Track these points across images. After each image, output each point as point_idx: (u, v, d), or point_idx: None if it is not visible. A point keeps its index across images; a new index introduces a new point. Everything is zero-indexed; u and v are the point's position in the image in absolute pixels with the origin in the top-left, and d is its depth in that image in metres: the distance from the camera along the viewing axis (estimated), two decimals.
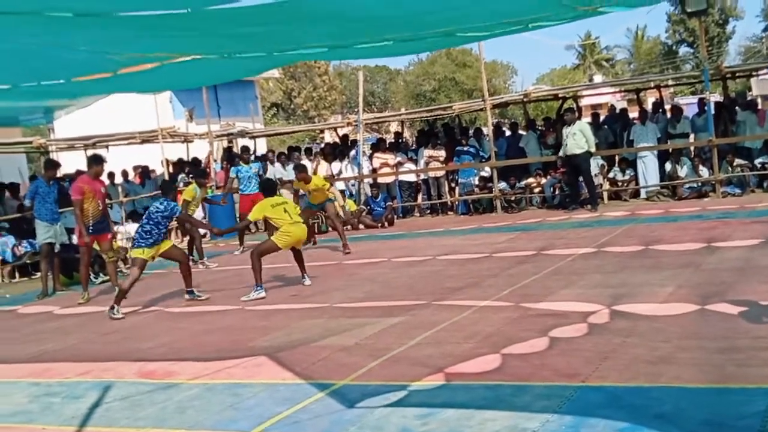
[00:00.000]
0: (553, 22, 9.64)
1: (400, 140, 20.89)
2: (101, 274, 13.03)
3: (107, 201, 15.69)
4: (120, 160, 19.90)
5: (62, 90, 9.89)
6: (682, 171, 15.38)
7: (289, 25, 7.77)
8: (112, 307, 9.32)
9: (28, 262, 14.42)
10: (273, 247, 9.84)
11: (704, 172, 15.10)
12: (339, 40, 9.72)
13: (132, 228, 17.26)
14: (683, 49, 60.54)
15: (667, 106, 18.39)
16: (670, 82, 23.71)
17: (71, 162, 21.57)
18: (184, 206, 12.21)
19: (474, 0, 7.65)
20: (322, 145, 23.50)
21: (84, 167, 18.92)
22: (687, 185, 15.32)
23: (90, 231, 10.89)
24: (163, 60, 8.29)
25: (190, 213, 12.60)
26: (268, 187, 10.58)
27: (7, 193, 16.12)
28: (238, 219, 16.17)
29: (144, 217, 9.86)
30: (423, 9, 7.71)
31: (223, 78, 16.13)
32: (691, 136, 16.31)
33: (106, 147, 18.83)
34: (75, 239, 13.89)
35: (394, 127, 29.32)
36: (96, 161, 11.20)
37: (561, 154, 15.23)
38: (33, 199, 12.07)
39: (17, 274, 14.44)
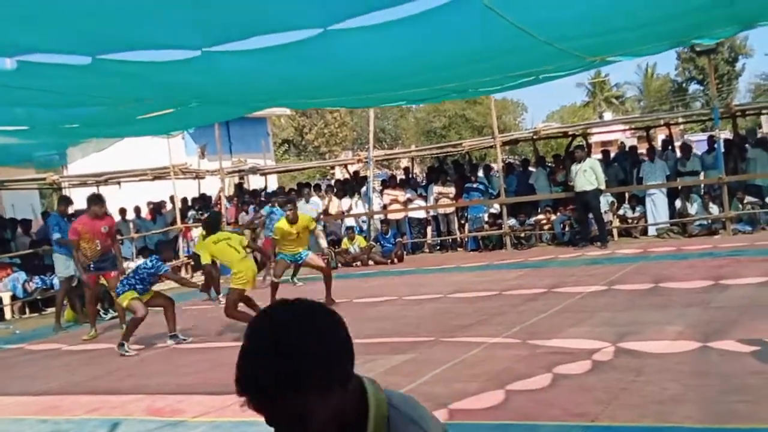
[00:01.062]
0: (564, 73, 9.73)
1: (410, 177, 20.98)
2: (110, 311, 13.06)
3: (119, 237, 15.82)
4: (133, 196, 20.05)
5: (77, 132, 10.04)
6: (692, 208, 15.37)
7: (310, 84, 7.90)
8: (122, 344, 9.29)
9: (38, 298, 14.47)
10: (237, 294, 9.24)
11: (714, 209, 15.08)
12: (357, 94, 9.86)
13: None
14: (693, 87, 60.78)
15: (677, 144, 18.43)
16: (680, 120, 23.74)
17: (83, 198, 21.74)
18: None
19: (486, 56, 7.73)
20: (333, 182, 23.61)
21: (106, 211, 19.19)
22: (697, 222, 15.29)
23: (91, 269, 10.87)
24: (178, 107, 8.42)
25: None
26: (211, 223, 10.10)
27: (19, 229, 16.23)
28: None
29: (132, 271, 9.88)
30: (437, 65, 7.82)
31: (233, 114, 16.23)
32: (702, 173, 16.31)
33: (118, 183, 18.99)
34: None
35: (404, 163, 29.42)
36: (94, 201, 11.08)
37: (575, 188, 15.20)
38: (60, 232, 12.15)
39: (27, 310, 14.48)
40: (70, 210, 12.95)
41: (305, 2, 5.78)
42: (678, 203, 15.67)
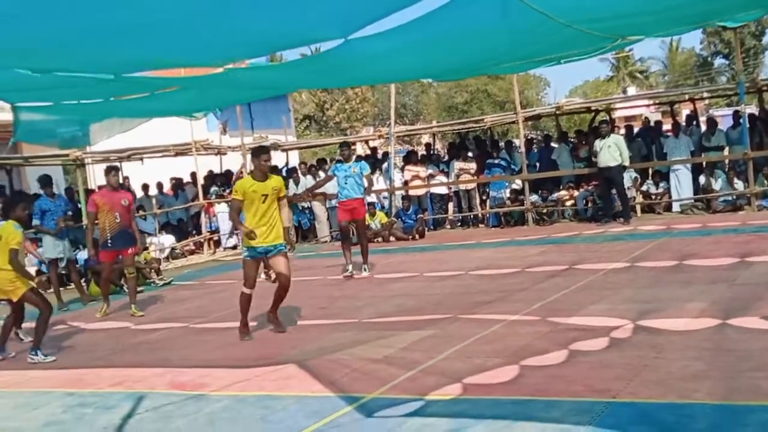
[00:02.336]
0: (585, 56, 9.64)
1: (431, 152, 20.90)
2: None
3: (142, 213, 15.85)
4: (155, 172, 20.14)
5: (101, 109, 10.07)
6: (717, 184, 15.21)
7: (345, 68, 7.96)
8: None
9: (63, 272, 14.58)
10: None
11: (739, 185, 14.92)
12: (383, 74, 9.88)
13: (165, 240, 17.49)
14: (718, 61, 59.98)
15: (702, 119, 18.22)
16: (705, 95, 23.47)
17: None
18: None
19: (508, 43, 7.68)
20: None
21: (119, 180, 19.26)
22: (722, 198, 15.14)
23: (109, 245, 10.52)
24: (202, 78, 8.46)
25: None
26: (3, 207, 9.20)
27: None
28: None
29: None
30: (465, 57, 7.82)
31: (258, 96, 16.19)
32: (727, 149, 16.12)
33: (141, 159, 19.07)
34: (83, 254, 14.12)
35: (425, 139, 29.32)
36: (108, 171, 10.77)
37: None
38: (41, 217, 12.19)
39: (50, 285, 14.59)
40: (94, 186, 12.98)
41: (322, 16, 5.79)
42: (702, 179, 15.51)
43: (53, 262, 12.32)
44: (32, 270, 14.46)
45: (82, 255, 13.67)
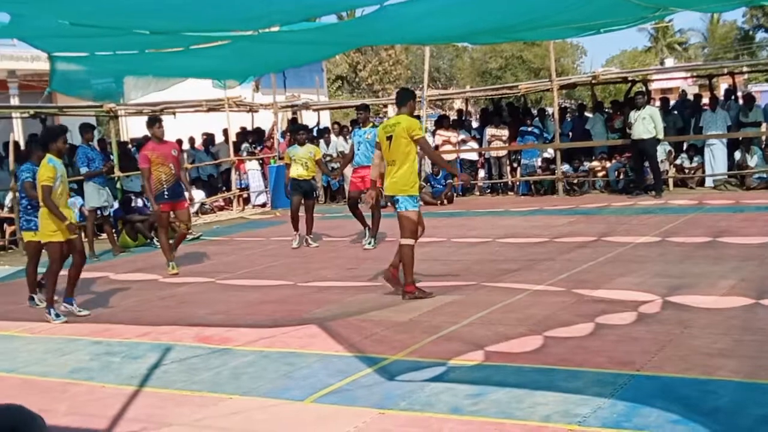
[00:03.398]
0: (624, 26, 9.46)
1: (463, 118, 20.76)
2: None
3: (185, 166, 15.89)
4: (187, 128, 20.22)
5: (137, 61, 10.06)
6: (752, 161, 14.98)
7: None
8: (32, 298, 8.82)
9: (96, 222, 14.76)
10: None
11: None
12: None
13: (197, 194, 17.62)
14: (760, 35, 58.62)
15: (740, 93, 17.89)
16: (744, 69, 22.99)
17: (140, 127, 22.02)
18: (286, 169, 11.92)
19: (549, 12, 7.57)
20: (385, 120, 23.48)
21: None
22: (756, 175, 14.92)
23: (166, 197, 10.18)
24: (235, 36, 8.42)
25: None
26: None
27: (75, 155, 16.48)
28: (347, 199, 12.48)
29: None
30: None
31: (296, 62, 15.96)
32: (764, 125, 15.84)
33: (173, 114, 19.14)
34: (139, 202, 14.24)
35: (458, 104, 29.12)
36: (151, 123, 10.49)
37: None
38: (87, 165, 12.26)
39: (83, 234, 14.77)
40: (126, 138, 13.04)
41: None
42: (738, 155, 15.27)
43: (92, 212, 12.46)
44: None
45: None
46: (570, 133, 17.46)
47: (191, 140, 20.11)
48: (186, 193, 10.56)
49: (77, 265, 8.11)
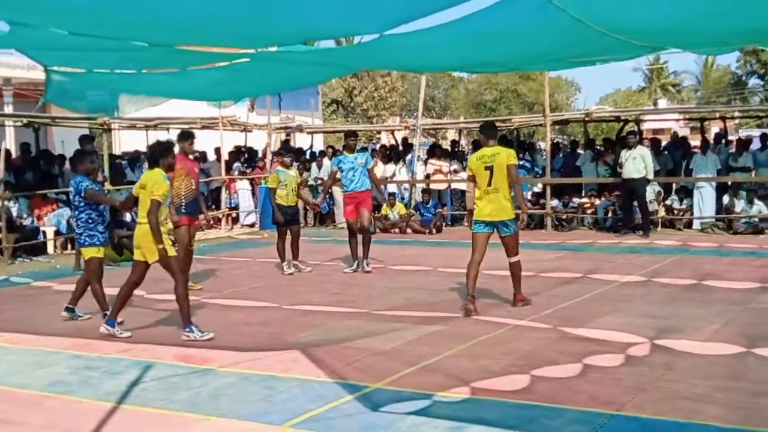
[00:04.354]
0: (622, 59, 9.59)
1: (456, 148, 20.84)
2: None
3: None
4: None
5: (132, 81, 10.08)
6: (738, 205, 15.08)
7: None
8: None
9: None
10: None
11: (759, 206, 14.77)
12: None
13: None
14: (753, 81, 59.21)
15: (732, 138, 18.04)
16: (736, 114, 23.24)
17: (132, 141, 22.00)
18: (272, 194, 11.51)
19: (548, 50, 7.68)
20: (378, 147, 23.54)
21: (142, 147, 19.31)
22: (744, 220, 15.01)
23: (183, 210, 9.77)
24: (231, 59, 8.45)
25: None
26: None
27: (67, 165, 16.45)
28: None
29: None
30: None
31: (292, 85, 15.99)
32: (753, 171, 15.96)
33: (167, 129, 19.13)
34: (127, 217, 14.20)
35: (451, 134, 29.24)
36: (185, 138, 10.01)
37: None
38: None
39: (69, 246, 14.72)
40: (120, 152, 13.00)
41: (359, 12, 5.79)
42: (726, 199, 15.38)
43: None
44: (51, 231, 14.66)
45: None
46: (561, 169, 17.56)
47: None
48: (201, 214, 10.21)
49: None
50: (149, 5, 5.57)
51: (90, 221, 8.27)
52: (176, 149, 8.79)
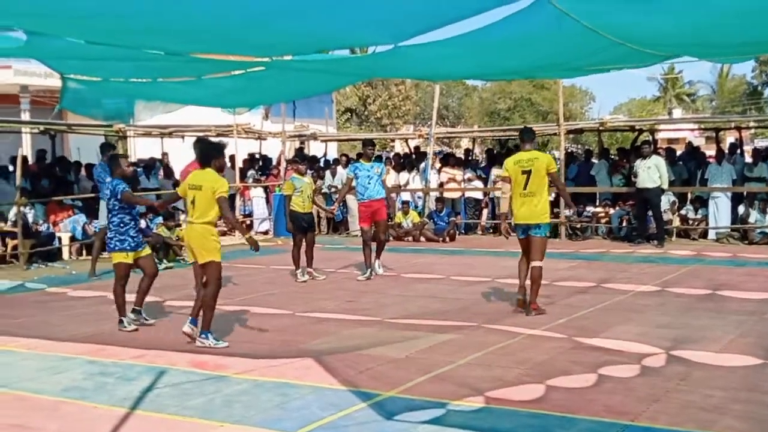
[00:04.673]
0: (637, 67, 9.61)
1: (470, 157, 20.83)
2: (164, 261, 13.29)
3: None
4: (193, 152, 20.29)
5: (148, 90, 10.17)
6: (752, 216, 14.99)
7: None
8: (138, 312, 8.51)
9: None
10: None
11: None
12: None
13: None
14: None
15: (747, 148, 17.95)
16: (752, 124, 23.11)
17: (148, 148, 22.13)
18: (287, 201, 11.50)
19: (563, 59, 7.71)
20: (392, 155, 23.58)
21: (157, 154, 19.41)
22: (759, 230, 14.93)
23: None
24: (246, 68, 8.52)
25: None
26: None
27: (82, 172, 16.57)
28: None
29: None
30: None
31: (306, 93, 16.08)
32: None
33: (182, 137, 19.26)
34: (142, 224, 14.27)
35: (465, 143, 29.23)
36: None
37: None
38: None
39: (84, 252, 14.81)
40: (133, 159, 13.02)
41: (375, 26, 5.83)
42: (741, 209, 15.30)
43: (102, 230, 12.44)
44: (66, 237, 14.74)
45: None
46: (575, 178, 17.52)
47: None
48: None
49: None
50: (165, 14, 5.62)
51: (122, 225, 8.27)
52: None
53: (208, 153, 7.55)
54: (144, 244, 8.52)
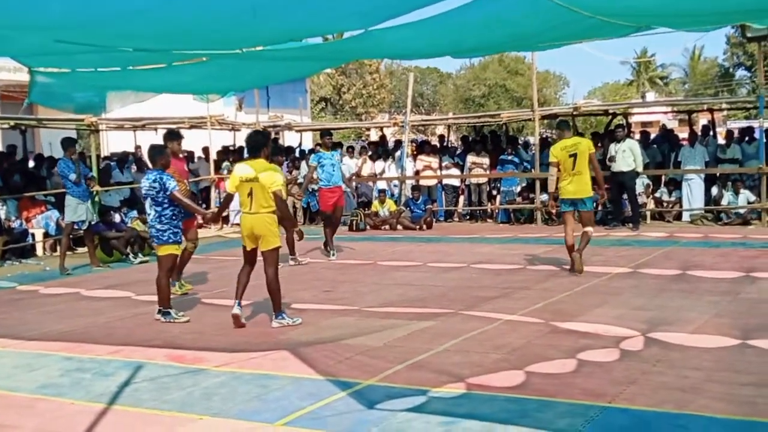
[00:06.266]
0: (610, 38, 9.66)
1: (445, 144, 20.84)
2: (140, 254, 13.20)
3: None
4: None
5: (118, 78, 10.05)
6: (725, 198, 15.14)
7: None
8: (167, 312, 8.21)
9: (71, 236, 14.64)
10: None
11: (745, 195, 14.84)
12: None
13: None
14: (740, 73, 59.43)
15: (720, 130, 18.10)
16: (724, 106, 23.32)
17: (120, 142, 21.94)
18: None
19: (533, 32, 7.72)
20: (367, 144, 23.55)
21: (130, 148, 19.24)
22: (733, 211, 15.08)
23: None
24: (218, 57, 8.45)
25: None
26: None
27: (54, 168, 16.38)
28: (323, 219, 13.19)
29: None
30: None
31: (275, 79, 16.22)
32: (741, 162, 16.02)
33: (155, 129, 19.07)
34: (117, 218, 14.18)
35: (440, 130, 29.25)
36: (172, 138, 9.62)
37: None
38: (69, 177, 12.03)
39: (58, 248, 14.64)
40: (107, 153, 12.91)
41: (344, 10, 5.81)
42: (714, 190, 15.45)
43: (68, 226, 12.36)
44: (39, 233, 14.59)
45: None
46: (550, 163, 17.55)
47: None
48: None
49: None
50: (134, 17, 5.56)
51: (174, 217, 8.22)
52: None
53: (258, 142, 7.84)
54: None
